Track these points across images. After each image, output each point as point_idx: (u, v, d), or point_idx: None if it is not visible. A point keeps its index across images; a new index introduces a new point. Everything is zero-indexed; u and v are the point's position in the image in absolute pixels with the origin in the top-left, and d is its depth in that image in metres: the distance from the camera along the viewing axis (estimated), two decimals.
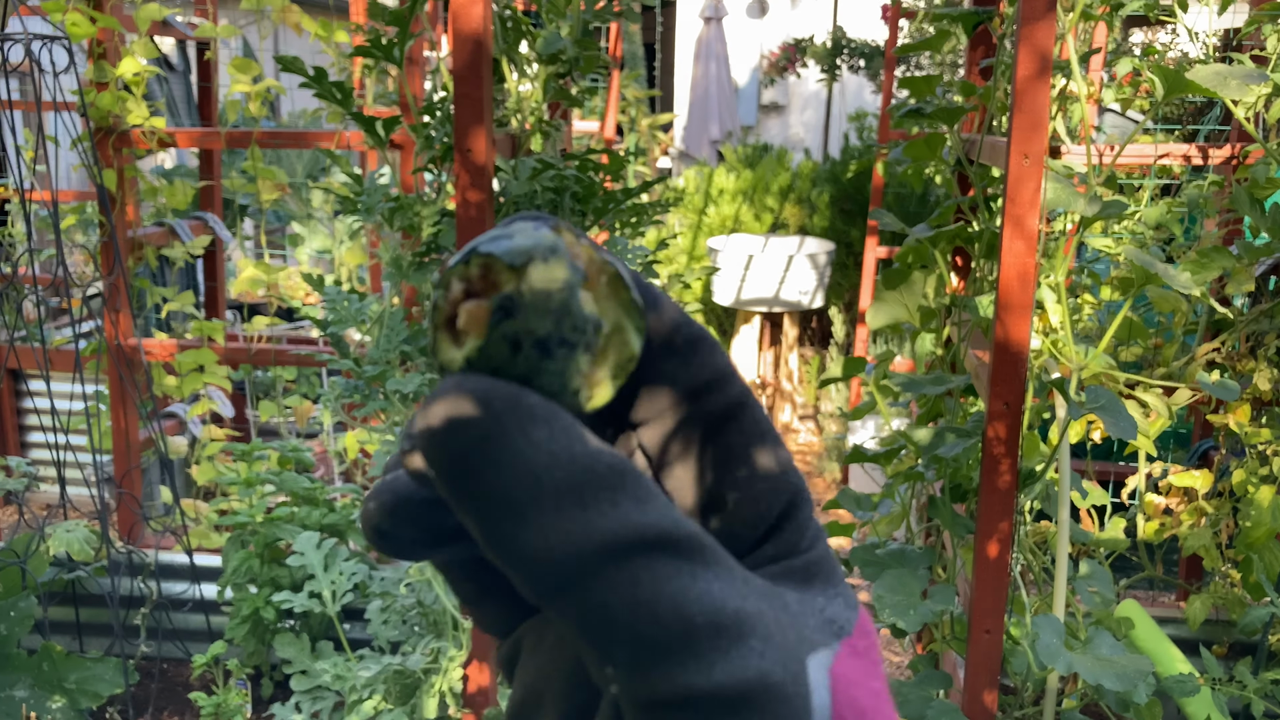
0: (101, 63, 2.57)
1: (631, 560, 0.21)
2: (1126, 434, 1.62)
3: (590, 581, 0.21)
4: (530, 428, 0.21)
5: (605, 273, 0.22)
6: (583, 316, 0.21)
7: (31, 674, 2.20)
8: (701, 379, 0.25)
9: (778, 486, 0.25)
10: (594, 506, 0.21)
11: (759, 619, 0.22)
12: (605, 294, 0.22)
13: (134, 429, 2.73)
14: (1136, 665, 1.71)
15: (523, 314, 0.21)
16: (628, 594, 0.21)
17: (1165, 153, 2.42)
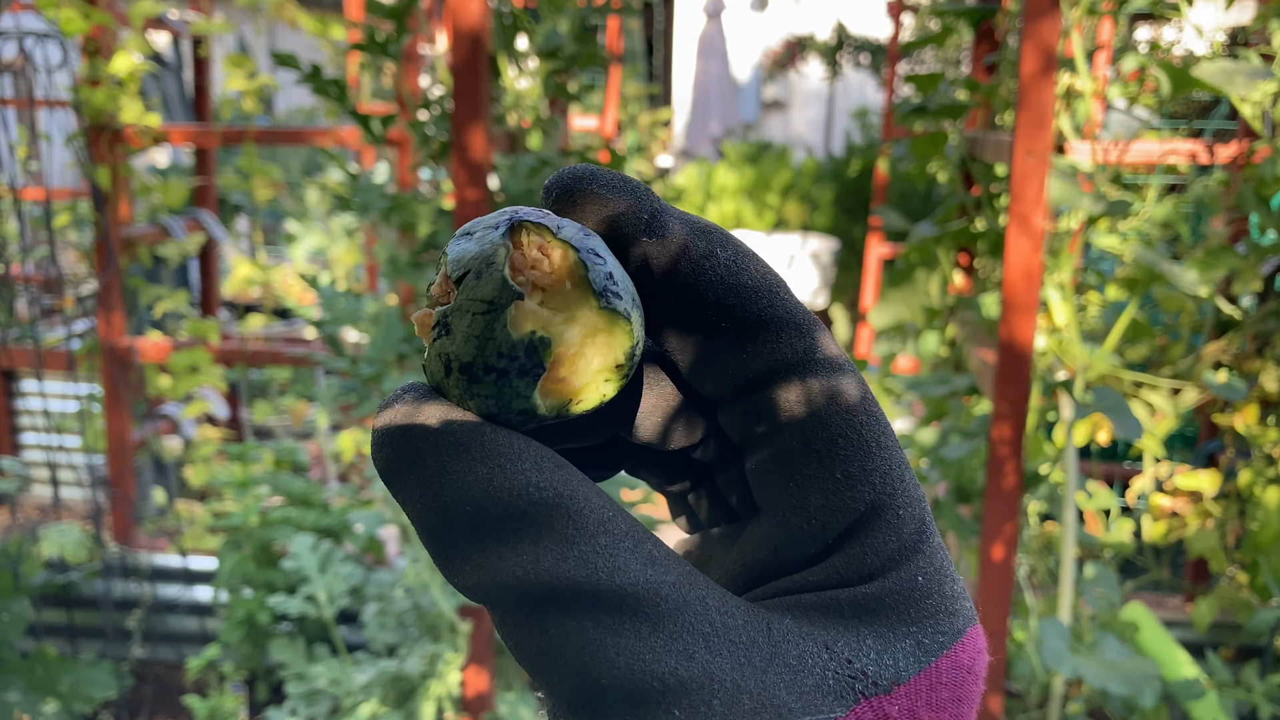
0: (95, 59, 2.55)
1: (542, 609, 0.19)
2: (1132, 435, 1.60)
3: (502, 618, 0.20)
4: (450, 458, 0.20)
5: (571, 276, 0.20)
6: (509, 341, 0.20)
7: (24, 677, 2.18)
8: (755, 369, 0.22)
9: (837, 504, 0.22)
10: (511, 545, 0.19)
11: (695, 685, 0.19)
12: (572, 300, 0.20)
13: (128, 429, 2.70)
14: (1142, 669, 1.69)
15: (449, 337, 0.20)
16: (535, 641, 0.20)
17: (1171, 150, 2.40)
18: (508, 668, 2.00)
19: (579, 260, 0.20)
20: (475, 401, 0.20)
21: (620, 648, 0.19)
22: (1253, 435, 2.11)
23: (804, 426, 0.22)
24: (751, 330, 0.22)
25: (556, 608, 0.19)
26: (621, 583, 0.20)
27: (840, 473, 0.22)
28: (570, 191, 0.22)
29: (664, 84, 10.10)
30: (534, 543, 0.19)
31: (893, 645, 0.21)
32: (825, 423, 0.22)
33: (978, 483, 1.87)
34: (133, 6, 2.57)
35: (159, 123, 2.63)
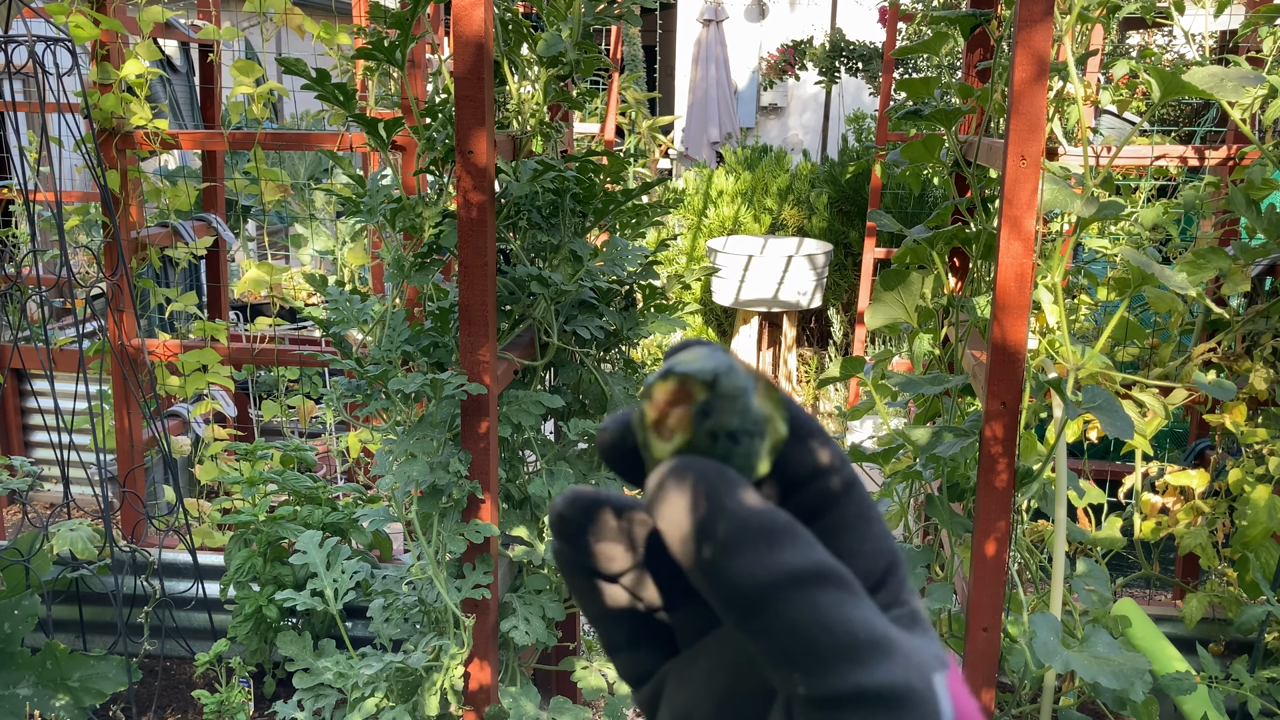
0: (105, 65, 2.58)
1: (809, 588, 0.27)
2: (1123, 433, 1.63)
3: (781, 604, 0.27)
4: (735, 489, 0.29)
5: (761, 380, 0.30)
6: (758, 413, 0.30)
7: (35, 672, 2.21)
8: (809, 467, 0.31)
9: (881, 549, 0.31)
10: (780, 546, 0.28)
11: (900, 641, 0.28)
12: (764, 394, 0.30)
13: (137, 428, 2.74)
14: (1133, 663, 1.72)
15: (717, 415, 0.29)
16: (809, 615, 0.27)
17: (1162, 154, 2.44)
18: (510, 661, 2.03)
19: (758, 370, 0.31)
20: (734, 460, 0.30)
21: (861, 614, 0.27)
22: (1242, 434, 2.15)
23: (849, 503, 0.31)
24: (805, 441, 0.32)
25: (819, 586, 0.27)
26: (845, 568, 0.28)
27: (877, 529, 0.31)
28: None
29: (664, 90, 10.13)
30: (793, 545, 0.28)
31: (932, 641, 0.30)
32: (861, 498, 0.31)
33: (971, 480, 1.90)
34: (142, 13, 2.60)
35: (168, 127, 2.66)
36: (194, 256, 2.92)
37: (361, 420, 2.63)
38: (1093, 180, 1.74)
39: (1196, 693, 2.00)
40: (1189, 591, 2.36)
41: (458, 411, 1.81)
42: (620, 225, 2.09)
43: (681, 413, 0.30)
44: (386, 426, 1.88)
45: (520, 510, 2.03)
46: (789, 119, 9.78)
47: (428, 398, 1.77)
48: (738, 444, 0.29)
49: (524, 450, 2.07)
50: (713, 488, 0.29)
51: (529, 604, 1.96)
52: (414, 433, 1.80)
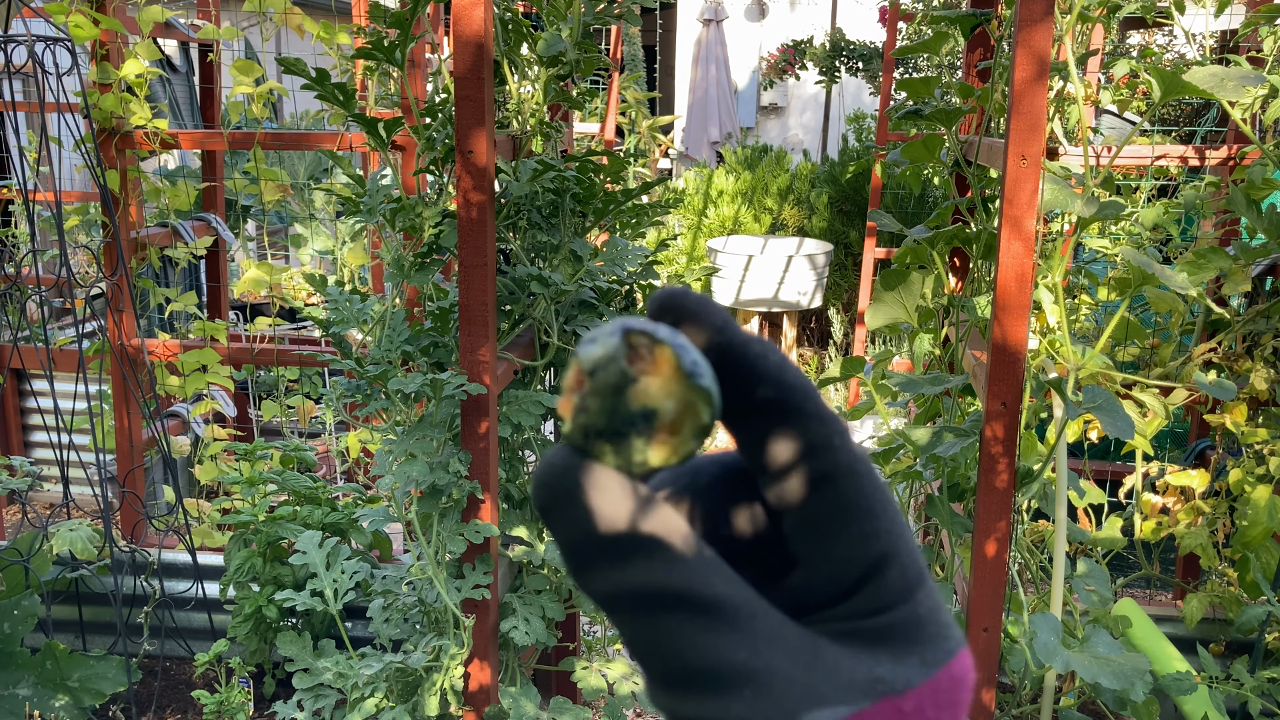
0: (104, 64, 2.58)
1: (653, 610, 0.27)
2: (1123, 433, 1.63)
3: (623, 618, 0.27)
4: (590, 496, 0.27)
5: (669, 364, 0.28)
6: (629, 412, 0.28)
7: (35, 672, 2.21)
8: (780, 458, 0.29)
9: (857, 556, 0.29)
10: (631, 563, 0.27)
11: (760, 674, 0.26)
12: (670, 380, 0.28)
13: (137, 428, 2.74)
14: (1134, 663, 1.72)
15: (586, 413, 0.28)
16: (646, 635, 0.27)
17: (1162, 154, 2.44)
18: (510, 662, 2.03)
19: (673, 351, 0.28)
20: (608, 458, 0.28)
21: (708, 642, 0.26)
22: (1242, 434, 2.15)
23: (827, 495, 0.29)
24: (789, 418, 0.29)
25: (663, 608, 0.26)
26: (711, 594, 0.27)
27: (856, 531, 0.28)
28: (665, 303, 0.30)
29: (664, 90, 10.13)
30: (648, 560, 0.27)
31: (904, 661, 0.28)
32: (842, 492, 0.29)
33: (971, 480, 1.90)
34: (142, 13, 2.60)
35: (167, 127, 2.66)
36: (193, 256, 2.92)
37: (361, 420, 2.62)
38: (1093, 180, 1.74)
39: (1197, 693, 2.00)
40: (1189, 592, 2.36)
41: (458, 411, 1.81)
42: (620, 225, 2.09)
43: (564, 402, 0.29)
44: (386, 426, 1.88)
45: (520, 510, 2.03)
46: (789, 119, 9.78)
47: (427, 398, 1.77)
48: (607, 442, 0.28)
49: (524, 450, 2.07)
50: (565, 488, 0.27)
51: (529, 604, 1.96)
52: (414, 433, 1.80)
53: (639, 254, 2.05)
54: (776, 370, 0.29)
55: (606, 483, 0.28)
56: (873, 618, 0.28)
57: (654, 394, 0.28)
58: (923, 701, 0.27)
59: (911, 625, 0.28)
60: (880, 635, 0.28)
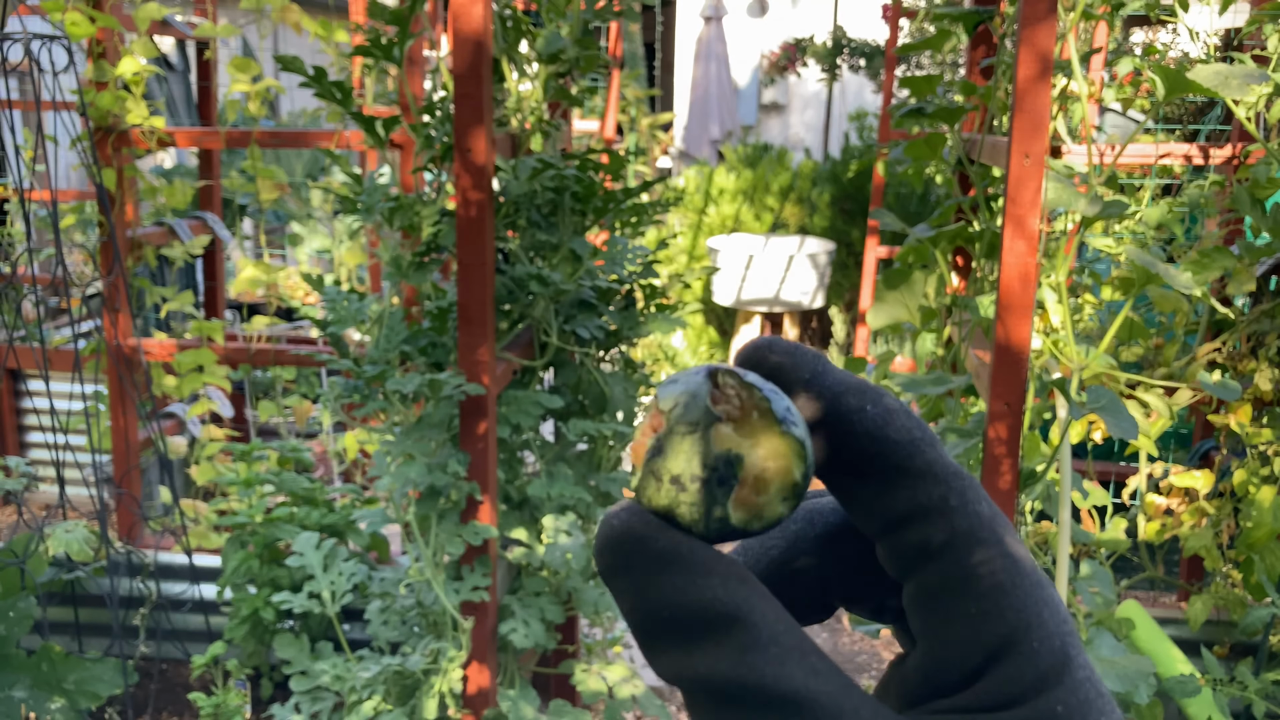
0: (101, 62, 2.57)
1: (720, 702, 0.23)
2: (1127, 434, 1.62)
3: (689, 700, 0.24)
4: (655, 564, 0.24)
5: (757, 409, 0.25)
6: (713, 456, 0.25)
7: (30, 674, 2.20)
8: (897, 512, 0.26)
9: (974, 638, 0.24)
10: (698, 647, 0.23)
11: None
12: (756, 429, 0.25)
13: (133, 429, 2.72)
14: (1137, 666, 1.71)
15: (664, 455, 0.25)
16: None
17: (1166, 152, 2.42)
18: (509, 664, 2.02)
19: (763, 396, 0.25)
20: (682, 509, 0.25)
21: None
22: (1247, 434, 2.13)
23: (941, 566, 0.25)
24: (894, 477, 0.26)
25: (731, 703, 0.23)
26: (785, 689, 0.23)
27: (975, 609, 0.24)
28: (750, 358, 0.27)
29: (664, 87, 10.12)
30: (717, 646, 0.23)
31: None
32: (959, 563, 0.25)
33: None
34: (138, 10, 2.59)
35: (164, 125, 2.65)
36: (190, 256, 2.91)
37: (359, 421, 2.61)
38: (1097, 179, 1.72)
39: (1201, 695, 1.99)
40: (1193, 594, 2.35)
41: (456, 412, 1.79)
42: (620, 224, 2.07)
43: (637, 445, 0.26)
44: (384, 427, 1.86)
45: (519, 512, 2.01)
46: (790, 117, 9.77)
47: (426, 398, 1.76)
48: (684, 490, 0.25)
49: (523, 451, 2.05)
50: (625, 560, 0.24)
51: (528, 606, 1.95)
52: (412, 433, 1.78)
53: (639, 253, 2.04)
54: (877, 425, 0.26)
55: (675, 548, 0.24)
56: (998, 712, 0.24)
57: (740, 440, 0.25)
58: None
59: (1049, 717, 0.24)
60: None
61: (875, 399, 0.26)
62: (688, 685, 0.24)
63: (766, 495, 0.25)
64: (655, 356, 5.33)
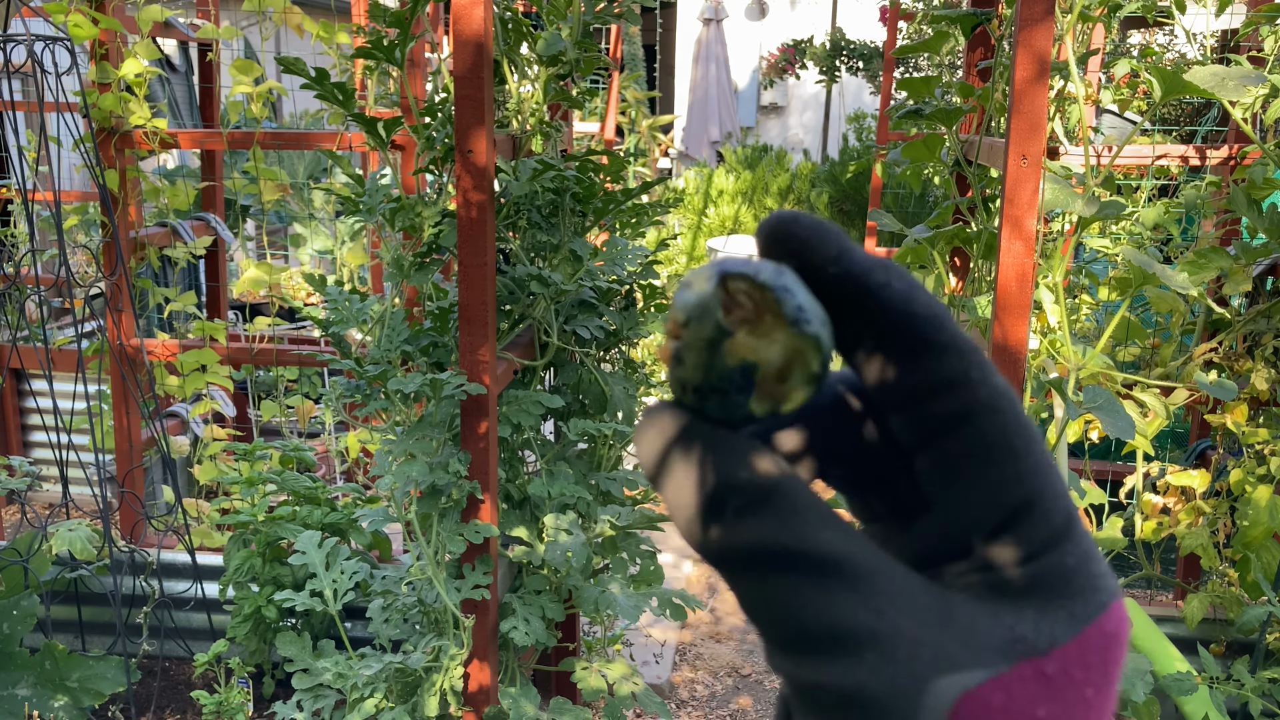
0: (104, 64, 2.58)
1: (763, 570, 0.25)
2: (1124, 433, 1.62)
3: (733, 577, 0.25)
4: (695, 452, 0.26)
5: (770, 311, 0.26)
6: (726, 369, 0.26)
7: (34, 672, 2.21)
8: (922, 384, 0.26)
9: (994, 501, 0.26)
10: (739, 519, 0.25)
11: (884, 637, 0.24)
12: (773, 329, 0.26)
13: (136, 428, 2.73)
14: (1134, 664, 1.72)
15: (683, 366, 0.26)
16: (758, 595, 0.25)
17: (1163, 154, 2.43)
18: (510, 662, 2.03)
19: (775, 298, 0.26)
20: (708, 411, 0.26)
21: (824, 601, 0.24)
22: (1243, 434, 2.14)
23: (963, 435, 0.26)
24: (919, 351, 0.26)
25: (776, 567, 0.25)
26: (826, 550, 0.25)
27: (996, 474, 0.26)
28: (775, 232, 0.28)
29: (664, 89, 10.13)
30: (759, 517, 0.25)
31: (1049, 616, 0.25)
32: (981, 432, 0.26)
33: None
34: (141, 12, 2.60)
35: (167, 126, 2.66)
36: (193, 256, 2.92)
37: (361, 420, 2.62)
38: (1094, 180, 1.74)
39: (1198, 693, 2.00)
40: (1190, 592, 2.36)
41: (457, 411, 1.81)
42: (620, 224, 2.08)
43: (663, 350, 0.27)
44: (386, 426, 1.87)
45: (520, 510, 2.02)
46: (789, 118, 9.78)
47: (427, 398, 1.77)
48: (706, 400, 0.26)
49: (524, 450, 2.07)
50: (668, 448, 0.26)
51: (529, 604, 1.96)
52: (413, 433, 1.79)
53: (639, 254, 2.05)
54: (902, 300, 0.26)
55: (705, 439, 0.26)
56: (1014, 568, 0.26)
57: (755, 346, 0.26)
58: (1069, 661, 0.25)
59: (1058, 576, 0.26)
60: (1025, 587, 0.25)
61: (899, 275, 0.27)
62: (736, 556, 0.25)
63: (787, 385, 0.26)
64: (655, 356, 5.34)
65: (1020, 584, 0.25)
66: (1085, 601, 0.26)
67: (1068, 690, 0.25)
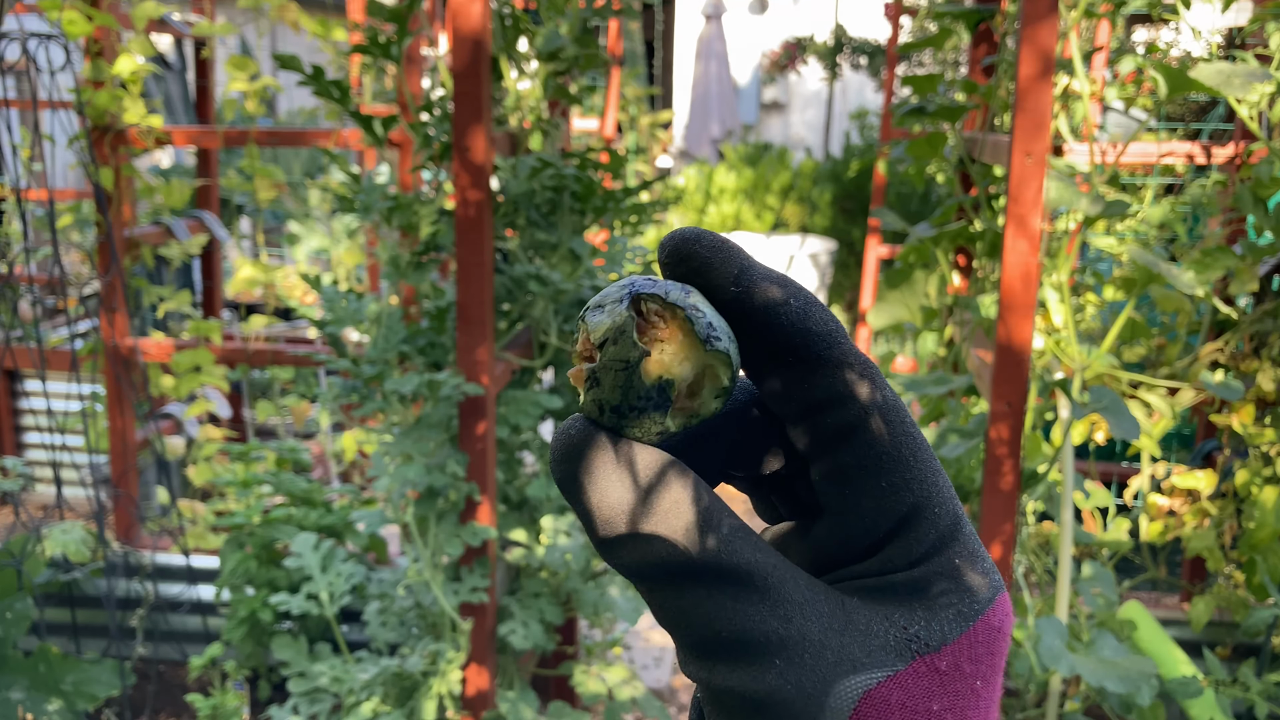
0: (98, 61, 2.56)
1: (678, 581, 0.26)
2: (1130, 434, 1.61)
3: (648, 589, 0.26)
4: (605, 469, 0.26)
5: (681, 329, 0.27)
6: (644, 388, 0.27)
7: (27, 676, 2.19)
8: (816, 397, 0.28)
9: (885, 507, 0.27)
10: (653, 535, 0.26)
11: (792, 643, 0.25)
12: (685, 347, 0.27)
13: (130, 429, 2.71)
14: (1140, 667, 1.70)
15: (600, 388, 0.27)
16: (673, 606, 0.26)
17: (1168, 151, 2.41)
18: (508, 666, 2.01)
19: (686, 318, 0.27)
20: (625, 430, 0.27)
21: (736, 611, 0.25)
22: (1249, 435, 2.12)
23: (854, 446, 0.27)
24: (813, 366, 0.28)
25: (690, 579, 0.26)
26: (737, 562, 0.26)
27: (885, 482, 0.27)
28: (678, 251, 0.28)
29: (664, 86, 10.11)
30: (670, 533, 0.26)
31: (938, 614, 0.27)
32: (871, 443, 0.27)
33: (976, 482, 1.88)
34: (135, 8, 2.58)
35: (162, 124, 2.64)
36: (188, 255, 2.90)
37: (357, 421, 2.60)
38: (1099, 178, 1.71)
39: (1203, 697, 1.98)
40: (1196, 594, 2.34)
41: (455, 412, 1.79)
42: (619, 223, 2.06)
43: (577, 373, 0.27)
44: (382, 427, 1.85)
45: (518, 512, 2.00)
46: (791, 115, 9.76)
47: (424, 398, 1.75)
48: (623, 418, 0.27)
49: (522, 451, 2.05)
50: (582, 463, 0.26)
51: (527, 607, 1.94)
52: (411, 434, 1.77)
53: (638, 252, 2.03)
54: (799, 318, 0.28)
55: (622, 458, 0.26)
56: (906, 571, 0.27)
57: (668, 364, 0.27)
58: (959, 656, 0.26)
59: (946, 576, 0.27)
60: (914, 589, 0.27)
61: (797, 292, 0.28)
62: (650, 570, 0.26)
63: (699, 399, 0.27)
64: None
65: (911, 585, 0.27)
66: (972, 598, 0.27)
67: (959, 683, 0.26)
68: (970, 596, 0.27)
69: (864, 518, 0.27)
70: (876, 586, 0.27)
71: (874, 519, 0.27)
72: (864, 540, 0.27)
